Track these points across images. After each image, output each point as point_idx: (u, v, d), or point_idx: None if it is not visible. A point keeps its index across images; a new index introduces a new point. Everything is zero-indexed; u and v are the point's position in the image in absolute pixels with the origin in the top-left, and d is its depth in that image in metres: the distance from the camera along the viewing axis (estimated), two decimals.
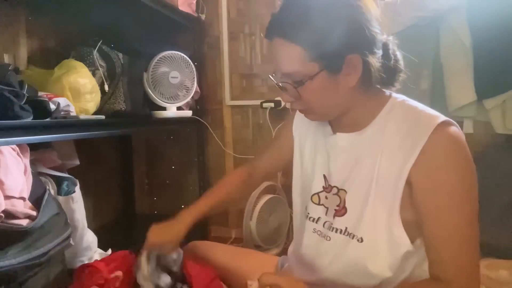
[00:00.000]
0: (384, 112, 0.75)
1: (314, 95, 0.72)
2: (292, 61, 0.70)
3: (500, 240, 1.57)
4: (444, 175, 0.67)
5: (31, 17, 1.49)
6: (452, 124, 0.70)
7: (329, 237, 0.79)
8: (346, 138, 0.79)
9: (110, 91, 1.55)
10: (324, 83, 0.71)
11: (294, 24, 0.69)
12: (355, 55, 0.69)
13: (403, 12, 1.72)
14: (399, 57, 0.80)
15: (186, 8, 1.88)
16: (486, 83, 1.65)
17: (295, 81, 0.71)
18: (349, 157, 0.78)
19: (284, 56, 0.71)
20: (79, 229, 1.38)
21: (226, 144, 2.12)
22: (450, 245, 0.67)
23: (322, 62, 0.69)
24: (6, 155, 1.08)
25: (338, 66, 0.69)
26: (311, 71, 0.69)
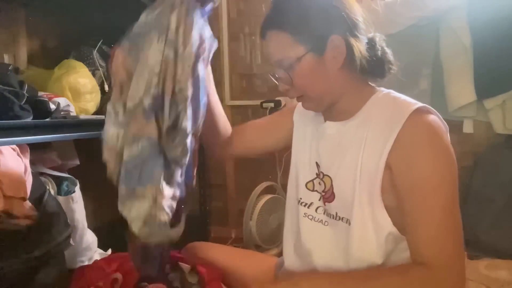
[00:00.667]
0: (369, 103, 0.80)
1: (304, 78, 0.78)
2: (281, 47, 0.77)
3: (500, 240, 1.57)
4: (419, 157, 0.70)
5: (31, 17, 1.49)
6: (428, 111, 0.74)
7: (326, 222, 0.83)
8: (334, 126, 0.84)
9: (110, 91, 1.55)
10: (311, 65, 0.76)
11: (279, 13, 0.78)
12: (337, 36, 0.75)
13: (403, 12, 1.72)
14: (387, 50, 0.85)
15: None
16: (486, 83, 1.65)
17: (286, 67, 0.78)
18: (335, 144, 0.82)
19: (275, 44, 0.79)
20: (79, 229, 1.38)
21: None
22: (427, 227, 0.69)
23: (307, 44, 0.75)
24: (6, 155, 1.08)
25: (322, 48, 0.75)
26: (298, 54, 0.76)
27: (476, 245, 1.62)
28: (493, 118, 1.68)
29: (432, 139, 0.71)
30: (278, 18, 0.78)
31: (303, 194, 0.88)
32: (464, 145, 1.78)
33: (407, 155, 0.71)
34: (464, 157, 1.78)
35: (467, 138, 1.77)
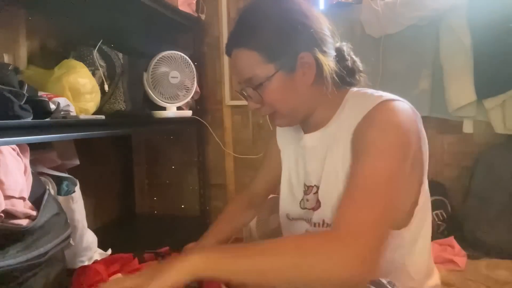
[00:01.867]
0: (342, 105, 0.80)
1: (275, 96, 0.77)
2: (250, 66, 0.76)
3: (500, 240, 1.57)
4: (369, 132, 0.70)
5: (31, 17, 1.49)
6: (397, 100, 0.73)
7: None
8: (314, 137, 0.83)
9: (110, 91, 1.55)
10: (282, 83, 0.76)
11: (247, 32, 0.77)
12: (306, 53, 0.75)
13: (403, 12, 1.72)
14: (355, 59, 0.84)
15: (186, 8, 1.88)
16: (486, 83, 1.65)
17: (256, 85, 0.77)
18: (319, 154, 0.81)
19: (243, 63, 0.78)
20: (79, 229, 1.38)
21: (226, 144, 2.12)
22: (352, 195, 0.66)
23: (277, 62, 0.75)
24: (6, 155, 1.08)
25: (292, 65, 0.75)
26: (268, 72, 0.75)
27: (476, 245, 1.62)
28: (493, 118, 1.68)
29: (390, 119, 0.70)
30: (246, 36, 0.77)
31: (296, 213, 0.88)
32: (464, 145, 1.78)
33: (362, 132, 0.71)
34: (464, 157, 1.78)
35: (467, 138, 1.77)
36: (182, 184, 2.23)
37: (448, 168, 1.82)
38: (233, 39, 0.80)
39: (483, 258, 1.54)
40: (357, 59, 0.84)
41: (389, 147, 0.67)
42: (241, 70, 0.78)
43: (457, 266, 1.47)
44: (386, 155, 0.67)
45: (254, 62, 0.76)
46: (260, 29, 0.76)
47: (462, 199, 1.76)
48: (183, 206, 2.22)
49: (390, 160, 0.67)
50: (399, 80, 1.79)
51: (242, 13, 0.81)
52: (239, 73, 0.79)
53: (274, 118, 0.83)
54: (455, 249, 1.56)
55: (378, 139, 0.68)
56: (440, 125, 1.80)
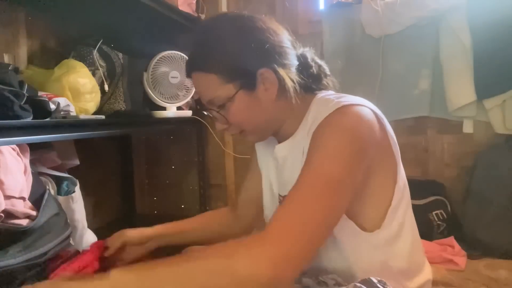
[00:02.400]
0: (308, 112, 0.79)
1: (240, 115, 0.77)
2: (210, 89, 0.76)
3: (500, 240, 1.57)
4: (321, 135, 0.69)
5: (31, 17, 1.49)
6: (358, 105, 0.71)
7: None
8: (284, 148, 0.83)
9: (110, 91, 1.55)
10: (245, 102, 0.75)
11: (202, 55, 0.77)
12: (265, 69, 0.74)
13: (403, 12, 1.72)
14: (321, 63, 0.83)
15: (186, 8, 1.88)
16: (486, 83, 1.65)
17: (218, 106, 0.76)
18: (290, 163, 0.81)
19: (203, 86, 0.77)
20: (79, 229, 1.38)
21: (226, 144, 2.12)
22: (290, 195, 0.64)
23: (236, 82, 0.74)
24: (6, 155, 1.08)
25: (252, 83, 0.75)
26: (229, 93, 0.74)
27: (476, 245, 1.62)
28: (493, 118, 1.68)
29: (341, 120, 0.69)
30: (202, 59, 0.76)
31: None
32: (464, 145, 1.78)
33: (313, 138, 0.70)
34: (464, 157, 1.78)
35: (467, 138, 1.77)
36: (182, 184, 2.23)
37: (448, 168, 1.82)
38: (191, 63, 0.79)
39: (483, 258, 1.54)
40: (322, 63, 0.83)
41: (339, 151, 0.66)
42: (202, 93, 0.78)
43: (457, 266, 1.47)
44: (334, 158, 0.65)
45: (213, 84, 0.75)
46: (215, 51, 0.75)
47: (462, 199, 1.76)
48: (183, 206, 2.23)
49: (337, 163, 0.65)
50: (399, 80, 1.79)
51: (197, 35, 0.80)
52: (201, 95, 0.79)
53: (244, 135, 0.82)
54: (455, 249, 1.56)
55: (328, 142, 0.67)
56: (440, 125, 1.80)
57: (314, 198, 0.63)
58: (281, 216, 0.62)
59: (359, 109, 0.70)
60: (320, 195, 0.63)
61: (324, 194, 0.63)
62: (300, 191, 0.64)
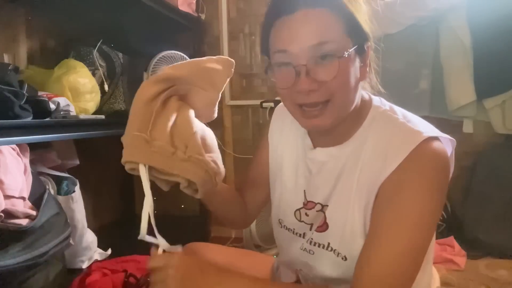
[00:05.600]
0: (366, 124, 0.72)
1: (345, 78, 0.64)
2: (331, 30, 0.63)
3: (500, 240, 1.57)
4: (406, 190, 0.63)
5: (31, 17, 1.49)
6: (435, 140, 0.66)
7: (312, 251, 0.77)
8: (327, 153, 0.75)
9: (110, 91, 1.55)
10: (352, 65, 0.65)
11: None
12: (369, 45, 0.69)
13: (403, 12, 1.72)
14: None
15: (186, 8, 1.88)
16: (486, 83, 1.65)
17: (326, 55, 0.63)
18: (330, 172, 0.74)
19: (322, 24, 0.63)
20: (79, 229, 1.38)
21: (226, 144, 2.12)
22: (376, 253, 0.61)
23: (354, 39, 0.65)
24: (6, 155, 1.08)
25: (362, 50, 0.67)
26: (346, 46, 0.64)
27: (476, 245, 1.62)
28: (493, 118, 1.68)
29: (430, 177, 0.63)
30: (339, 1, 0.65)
31: (294, 225, 0.81)
32: (464, 145, 1.78)
33: (400, 180, 0.63)
34: (464, 157, 1.78)
35: (467, 138, 1.77)
36: None
37: None
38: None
39: (483, 258, 1.54)
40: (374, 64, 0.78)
41: (429, 216, 0.63)
42: (315, 32, 0.63)
43: (457, 266, 1.47)
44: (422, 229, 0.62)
45: (337, 28, 0.63)
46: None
47: (462, 199, 1.76)
48: (183, 206, 2.22)
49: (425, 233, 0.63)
50: (399, 79, 1.79)
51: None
52: (309, 34, 0.63)
53: (320, 113, 0.67)
54: (455, 249, 1.56)
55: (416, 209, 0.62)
56: (440, 125, 1.76)
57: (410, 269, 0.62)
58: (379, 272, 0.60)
59: (441, 148, 0.66)
60: (415, 263, 0.62)
61: (416, 263, 0.62)
62: (395, 245, 0.61)
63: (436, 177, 0.64)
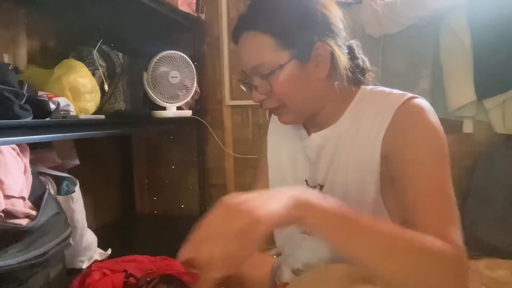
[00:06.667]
0: (354, 103, 0.77)
1: (286, 87, 0.72)
2: (262, 51, 0.71)
3: (500, 240, 1.57)
4: (411, 134, 0.68)
5: (31, 17, 1.49)
6: (417, 98, 0.72)
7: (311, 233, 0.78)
8: (321, 136, 0.79)
9: (110, 91, 1.55)
10: (295, 73, 0.71)
11: (262, 14, 0.72)
12: (322, 44, 0.71)
13: (403, 12, 1.72)
14: (365, 58, 0.82)
15: (186, 8, 1.88)
16: (486, 83, 1.65)
17: (266, 73, 0.71)
18: (327, 153, 0.77)
19: (254, 48, 0.72)
20: (79, 229, 1.38)
21: (226, 144, 2.12)
22: (424, 196, 0.64)
23: (292, 50, 0.70)
24: (6, 155, 1.08)
25: (307, 55, 0.71)
26: (281, 60, 0.70)
27: (476, 245, 1.61)
28: (493, 118, 1.68)
29: (423, 119, 0.69)
30: (261, 19, 0.71)
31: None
32: (464, 145, 1.78)
33: (401, 136, 0.68)
34: (464, 157, 1.78)
35: (467, 138, 1.77)
36: (182, 184, 2.23)
37: None
38: (245, 21, 0.74)
39: (483, 258, 1.54)
40: (366, 58, 0.81)
41: (438, 152, 0.67)
42: (251, 56, 0.73)
43: None
44: (436, 156, 0.67)
45: (267, 47, 0.70)
46: (277, 12, 0.71)
47: (462, 199, 1.76)
48: (183, 206, 2.22)
49: (441, 160, 0.67)
50: (399, 80, 1.79)
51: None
52: (247, 59, 0.73)
53: (280, 113, 0.77)
54: None
55: (425, 143, 0.67)
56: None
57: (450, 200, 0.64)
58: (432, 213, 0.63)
59: (424, 103, 0.72)
60: (449, 195, 0.65)
61: (450, 193, 0.65)
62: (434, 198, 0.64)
63: (428, 118, 0.69)
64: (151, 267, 1.13)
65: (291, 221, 0.56)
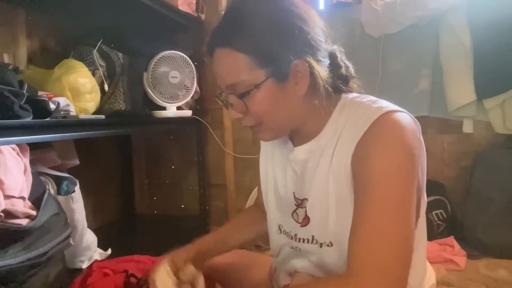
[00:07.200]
0: (335, 114, 0.73)
1: (262, 106, 0.69)
2: (237, 70, 0.67)
3: (500, 240, 1.57)
4: (373, 147, 0.64)
5: (31, 17, 1.49)
6: (397, 112, 0.67)
7: (299, 248, 0.78)
8: (304, 149, 0.76)
9: (110, 91, 1.55)
10: (272, 92, 0.68)
11: (237, 31, 0.67)
12: (301, 61, 0.67)
13: (403, 12, 1.72)
14: (348, 64, 0.77)
15: (186, 8, 1.88)
16: (486, 83, 1.65)
17: (241, 93, 0.68)
18: (311, 166, 0.75)
19: (228, 66, 0.68)
20: (79, 229, 1.38)
21: (226, 144, 2.12)
22: (365, 228, 0.60)
23: (268, 68, 0.66)
24: (6, 155, 1.08)
25: (285, 73, 0.67)
26: (257, 79, 0.67)
27: (476, 245, 1.62)
28: (493, 118, 1.68)
29: (389, 134, 0.64)
30: (235, 35, 0.67)
31: (289, 227, 0.81)
32: (464, 145, 1.78)
33: (364, 151, 0.65)
34: (464, 157, 1.78)
35: (467, 138, 1.77)
36: (182, 184, 2.23)
37: (448, 168, 1.82)
38: (219, 37, 0.70)
39: (483, 258, 1.54)
40: (349, 64, 0.78)
41: (398, 169, 0.62)
42: (225, 74, 0.69)
43: (457, 266, 1.47)
44: (396, 180, 0.61)
45: (242, 66, 0.66)
46: (253, 29, 0.66)
47: (462, 199, 1.76)
48: (183, 206, 2.23)
49: (400, 184, 0.62)
50: (399, 80, 1.79)
51: (232, 8, 0.71)
52: (222, 77, 0.70)
53: (258, 131, 0.74)
54: (455, 249, 1.56)
55: (385, 162, 0.62)
56: (440, 125, 1.80)
57: (393, 227, 0.59)
58: (366, 257, 0.58)
59: (402, 116, 0.66)
60: (398, 221, 0.60)
61: (400, 219, 0.60)
62: (372, 218, 0.60)
63: (397, 133, 0.64)
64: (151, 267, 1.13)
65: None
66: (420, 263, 0.78)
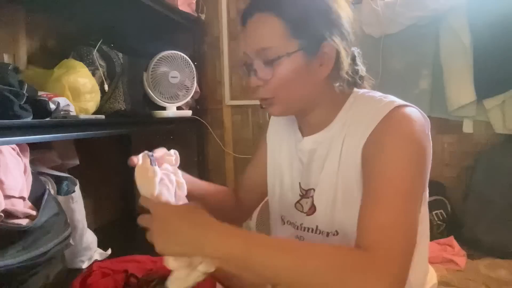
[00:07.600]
0: (346, 107, 0.76)
1: (286, 77, 0.70)
2: (272, 35, 0.69)
3: (500, 240, 1.57)
4: (384, 140, 0.66)
5: (31, 17, 1.49)
6: (408, 107, 0.69)
7: (302, 237, 0.79)
8: (313, 140, 0.78)
9: (110, 91, 1.55)
10: (298, 66, 0.70)
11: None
12: (330, 43, 0.69)
13: (403, 12, 1.72)
14: (363, 67, 0.80)
15: (186, 8, 1.88)
16: (486, 83, 1.65)
17: (271, 59, 0.69)
18: (319, 157, 0.77)
19: (265, 30, 0.70)
20: (79, 229, 1.38)
21: (226, 144, 2.12)
22: (377, 212, 0.62)
23: (301, 41, 0.69)
24: (6, 155, 1.08)
25: (314, 51, 0.69)
26: (289, 48, 0.69)
27: (476, 245, 1.62)
28: (493, 118, 1.68)
29: (400, 128, 0.66)
30: (277, 2, 0.69)
31: (293, 217, 0.83)
32: (464, 145, 1.78)
33: (376, 143, 0.67)
34: (464, 157, 1.78)
35: (467, 138, 1.77)
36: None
37: (448, 168, 1.82)
38: (259, 2, 0.71)
39: (483, 258, 1.54)
40: (364, 68, 0.80)
41: (409, 163, 0.64)
42: (260, 38, 0.70)
43: (457, 266, 1.47)
44: (406, 172, 0.63)
45: (278, 32, 0.68)
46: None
47: (462, 199, 1.76)
48: None
49: (410, 176, 0.63)
50: (399, 80, 1.79)
51: None
52: (254, 40, 0.71)
53: (270, 104, 0.75)
54: (455, 249, 1.57)
55: (397, 155, 0.64)
56: (440, 125, 1.80)
57: (401, 210, 0.61)
58: (378, 238, 0.60)
59: (412, 111, 0.69)
60: (404, 207, 0.62)
61: (406, 206, 0.62)
62: (383, 205, 0.62)
63: (408, 127, 0.66)
64: (151, 267, 1.14)
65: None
66: (422, 260, 0.78)
